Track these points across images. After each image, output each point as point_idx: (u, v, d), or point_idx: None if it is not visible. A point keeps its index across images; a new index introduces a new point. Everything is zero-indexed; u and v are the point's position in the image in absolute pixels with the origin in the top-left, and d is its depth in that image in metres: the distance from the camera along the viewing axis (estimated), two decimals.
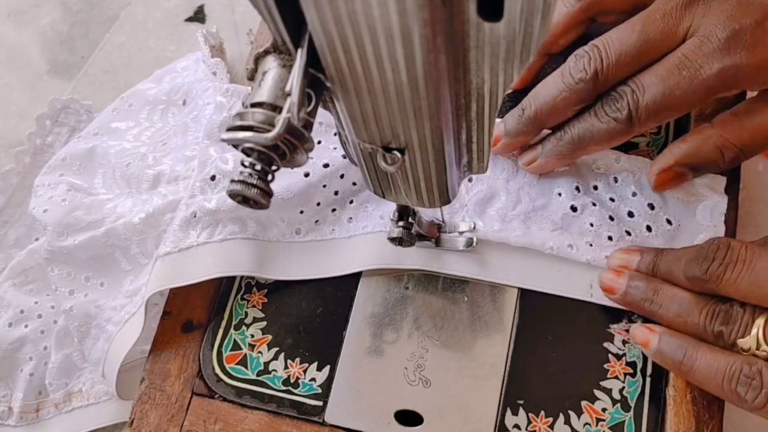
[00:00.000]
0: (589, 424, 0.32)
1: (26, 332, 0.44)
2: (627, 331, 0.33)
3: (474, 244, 0.35)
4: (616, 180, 0.36)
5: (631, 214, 0.35)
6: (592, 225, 0.35)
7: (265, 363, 0.35)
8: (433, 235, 0.35)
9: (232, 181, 0.22)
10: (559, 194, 0.35)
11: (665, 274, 0.31)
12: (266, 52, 0.21)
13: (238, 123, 0.21)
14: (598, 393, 0.33)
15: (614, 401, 0.32)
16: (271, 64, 0.21)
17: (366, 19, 0.17)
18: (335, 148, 0.38)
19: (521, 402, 0.33)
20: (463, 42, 0.20)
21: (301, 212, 0.37)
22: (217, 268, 0.36)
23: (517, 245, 0.35)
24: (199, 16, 0.56)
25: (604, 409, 0.32)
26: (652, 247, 0.33)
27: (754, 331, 0.28)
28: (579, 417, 0.32)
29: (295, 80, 0.20)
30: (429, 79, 0.20)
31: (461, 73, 0.21)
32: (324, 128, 0.39)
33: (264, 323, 0.36)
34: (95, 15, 0.57)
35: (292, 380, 0.35)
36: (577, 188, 0.35)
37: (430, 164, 0.25)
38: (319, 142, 0.38)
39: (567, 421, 0.32)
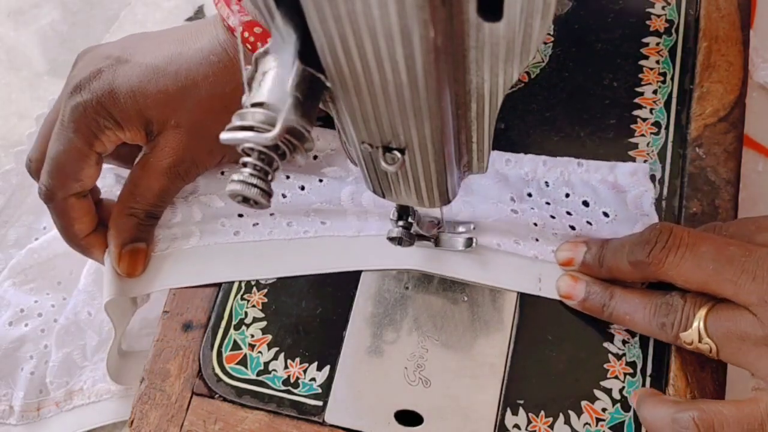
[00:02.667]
0: (589, 424, 0.32)
1: (26, 331, 0.44)
2: (627, 330, 0.33)
3: (474, 244, 0.35)
4: (547, 184, 0.36)
5: (569, 213, 0.35)
6: (536, 224, 0.35)
7: (265, 363, 0.35)
8: (433, 235, 0.35)
9: (232, 180, 0.22)
10: (497, 204, 0.36)
11: (611, 261, 0.32)
12: (266, 52, 0.21)
13: (238, 123, 0.21)
14: (598, 393, 0.33)
15: (614, 401, 0.32)
16: (271, 64, 0.21)
17: (366, 20, 0.17)
18: None
19: (521, 402, 0.33)
20: (463, 42, 0.20)
21: (240, 216, 0.38)
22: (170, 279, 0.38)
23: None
24: (199, 16, 0.56)
25: (604, 409, 0.32)
26: (598, 238, 0.34)
27: (695, 324, 0.29)
28: (579, 417, 0.32)
29: (294, 80, 0.20)
30: (429, 79, 0.20)
31: (461, 73, 0.21)
32: None
33: (264, 323, 0.36)
34: (95, 15, 0.57)
35: (292, 380, 0.35)
36: (512, 198, 0.36)
37: (430, 164, 0.25)
38: None
39: (567, 421, 0.32)
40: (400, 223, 0.32)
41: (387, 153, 0.24)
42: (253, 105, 0.21)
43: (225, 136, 0.21)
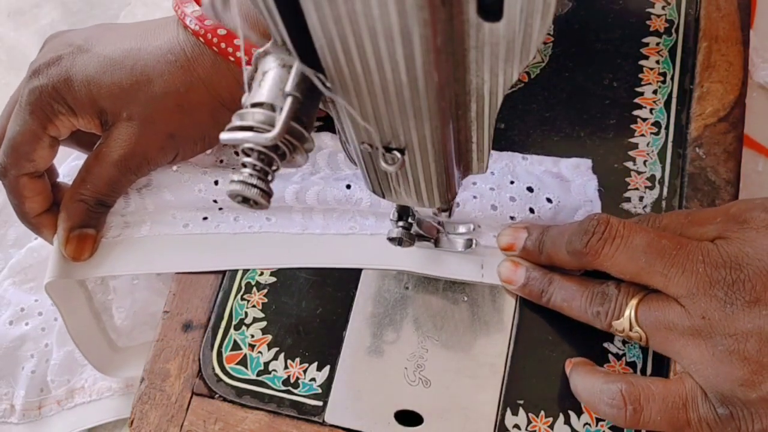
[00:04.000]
0: (589, 424, 0.32)
1: (27, 330, 0.44)
2: None
3: (474, 245, 0.35)
4: (493, 173, 0.37)
5: (513, 199, 0.35)
6: (476, 217, 0.36)
7: (265, 363, 0.35)
8: (433, 236, 0.35)
9: (232, 181, 0.22)
10: None
11: (550, 248, 0.33)
12: (266, 53, 0.21)
13: (238, 123, 0.21)
14: None
15: None
16: (271, 64, 0.21)
17: (366, 20, 0.17)
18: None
19: (521, 402, 0.33)
20: (463, 42, 0.20)
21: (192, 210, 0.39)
22: (114, 266, 0.38)
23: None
24: None
25: None
26: (538, 224, 0.34)
27: (627, 312, 0.29)
28: (579, 417, 0.32)
29: (294, 80, 0.20)
30: (429, 79, 0.20)
31: (461, 73, 0.21)
32: None
33: (264, 323, 0.36)
34: (95, 15, 0.57)
35: (292, 380, 0.35)
36: None
37: (430, 164, 0.25)
38: None
39: (567, 421, 0.32)
40: (400, 223, 0.32)
41: (387, 153, 0.24)
42: (253, 105, 0.21)
43: (225, 136, 0.21)
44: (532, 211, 0.35)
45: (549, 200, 0.35)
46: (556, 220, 0.35)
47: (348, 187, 0.37)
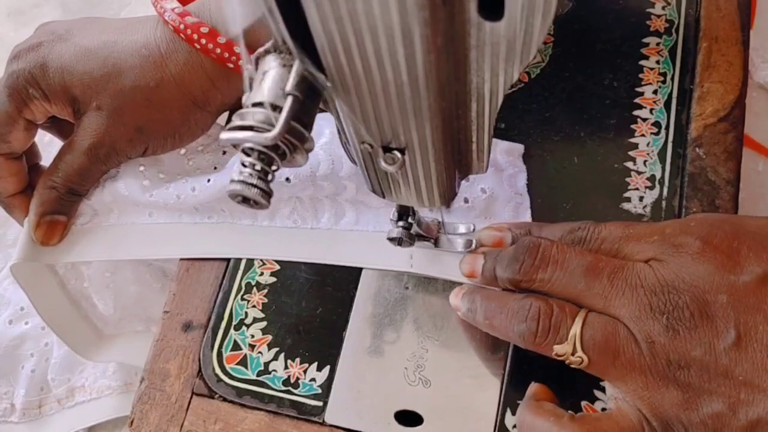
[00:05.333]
0: None
1: (27, 329, 0.44)
2: None
3: (473, 245, 0.35)
4: None
5: None
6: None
7: (265, 363, 0.35)
8: (432, 236, 0.35)
9: (232, 181, 0.22)
10: None
11: (496, 275, 0.31)
12: (266, 52, 0.21)
13: (238, 123, 0.21)
14: (598, 393, 0.33)
15: None
16: (272, 63, 0.21)
17: (367, 19, 0.17)
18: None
19: (521, 402, 0.33)
20: (464, 41, 0.20)
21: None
22: (82, 251, 0.39)
23: (346, 229, 0.37)
24: None
25: (603, 409, 0.32)
26: (494, 249, 0.33)
27: (571, 334, 0.28)
28: None
29: (294, 80, 0.20)
30: (429, 78, 0.20)
31: (461, 72, 0.21)
32: None
33: (264, 323, 0.36)
34: (95, 15, 0.57)
35: (292, 380, 0.35)
36: None
37: (430, 164, 0.25)
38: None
39: None
40: (400, 223, 0.32)
41: (387, 153, 0.24)
42: (254, 105, 0.21)
43: (225, 135, 0.21)
44: (466, 201, 0.35)
45: (483, 191, 0.35)
46: (489, 211, 0.35)
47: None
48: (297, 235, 0.38)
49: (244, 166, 0.21)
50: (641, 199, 0.36)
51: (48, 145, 0.46)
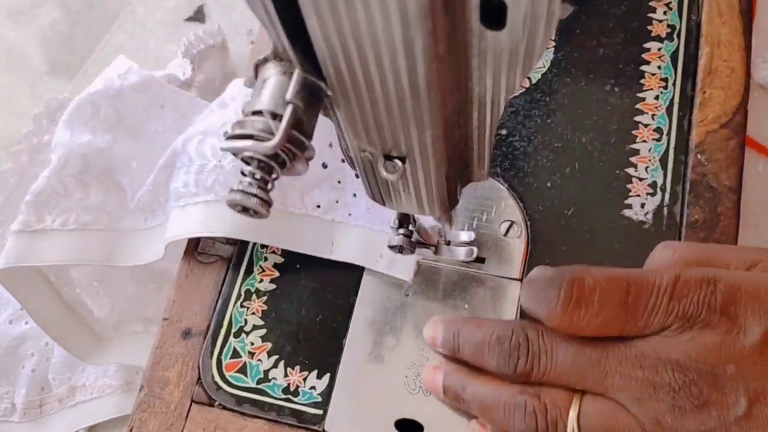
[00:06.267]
0: None
1: (27, 329, 0.44)
2: None
3: (474, 254, 0.35)
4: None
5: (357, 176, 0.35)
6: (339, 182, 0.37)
7: (264, 371, 0.35)
8: (433, 243, 0.35)
9: (232, 190, 0.21)
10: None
11: (473, 357, 0.31)
12: (266, 60, 0.21)
13: (238, 131, 0.20)
14: None
15: None
16: (271, 71, 0.21)
17: (368, 29, 0.17)
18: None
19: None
20: (466, 51, 0.20)
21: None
22: (69, 255, 0.38)
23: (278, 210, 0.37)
24: (198, 16, 0.56)
25: None
26: (449, 321, 0.33)
27: (568, 427, 0.27)
28: None
29: (294, 88, 0.20)
30: (431, 88, 0.19)
31: (463, 81, 0.21)
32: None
33: (264, 331, 0.36)
34: (95, 15, 0.57)
35: (291, 388, 0.34)
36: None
37: (431, 172, 0.24)
38: None
39: None
40: (401, 231, 0.32)
41: (387, 161, 0.23)
42: (253, 113, 0.20)
43: (225, 144, 0.21)
44: (354, 195, 0.37)
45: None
46: (370, 222, 0.36)
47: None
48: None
49: (244, 174, 0.21)
50: (643, 205, 0.36)
51: (47, 146, 0.46)
